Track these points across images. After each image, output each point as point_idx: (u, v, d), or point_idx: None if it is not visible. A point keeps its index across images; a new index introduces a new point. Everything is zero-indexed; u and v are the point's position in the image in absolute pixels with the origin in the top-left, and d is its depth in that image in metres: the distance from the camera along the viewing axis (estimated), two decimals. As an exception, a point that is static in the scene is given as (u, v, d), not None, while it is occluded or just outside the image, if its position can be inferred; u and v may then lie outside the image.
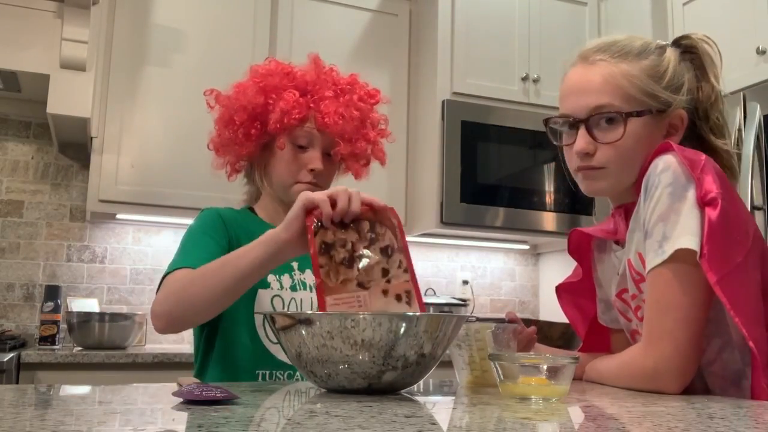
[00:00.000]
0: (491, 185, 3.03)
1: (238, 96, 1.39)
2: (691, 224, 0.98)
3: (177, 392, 0.78)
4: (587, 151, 1.10)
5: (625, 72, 1.09)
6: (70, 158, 2.97)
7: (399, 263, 1.06)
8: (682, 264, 0.98)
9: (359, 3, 3.15)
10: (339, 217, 1.06)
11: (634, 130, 1.08)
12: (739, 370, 1.03)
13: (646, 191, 1.04)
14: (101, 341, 2.52)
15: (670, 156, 1.02)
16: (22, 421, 0.62)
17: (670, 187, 1.00)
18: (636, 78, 1.08)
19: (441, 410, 0.82)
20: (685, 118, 1.11)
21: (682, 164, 1.01)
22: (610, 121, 1.09)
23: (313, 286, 1.39)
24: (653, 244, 1.01)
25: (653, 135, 1.10)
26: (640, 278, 1.08)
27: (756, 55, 2.39)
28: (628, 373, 1.04)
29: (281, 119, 1.35)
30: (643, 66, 1.09)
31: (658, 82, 1.09)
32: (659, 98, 1.09)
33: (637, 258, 1.08)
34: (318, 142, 1.39)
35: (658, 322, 0.99)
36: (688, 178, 1.00)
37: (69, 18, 2.49)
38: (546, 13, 3.27)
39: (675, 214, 0.99)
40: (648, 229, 1.02)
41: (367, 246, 1.06)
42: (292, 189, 1.39)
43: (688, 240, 0.97)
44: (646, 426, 0.68)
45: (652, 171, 1.03)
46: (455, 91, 3.05)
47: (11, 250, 2.86)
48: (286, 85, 1.39)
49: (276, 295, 1.36)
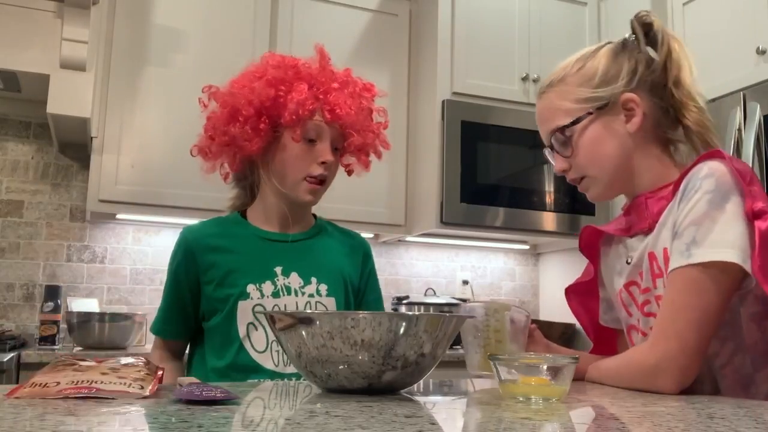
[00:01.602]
0: (491, 185, 3.03)
1: (242, 90, 1.37)
2: (728, 236, 0.98)
3: (177, 392, 0.78)
4: (563, 169, 1.20)
5: (560, 93, 1.18)
6: (70, 158, 2.97)
7: None
8: (709, 270, 0.98)
9: (359, 3, 3.14)
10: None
11: (586, 134, 1.16)
12: (748, 375, 1.04)
13: (684, 192, 1.04)
14: (101, 341, 2.52)
15: (718, 163, 1.03)
16: (22, 421, 0.62)
17: (710, 194, 1.00)
18: (569, 93, 1.17)
19: (441, 410, 0.82)
20: (635, 98, 1.14)
21: (731, 174, 1.01)
22: (564, 139, 1.17)
23: (298, 290, 1.38)
24: (680, 245, 1.01)
25: (610, 128, 1.15)
26: (660, 273, 1.08)
27: (756, 55, 2.39)
28: (629, 370, 1.04)
29: (296, 111, 1.33)
30: (575, 79, 1.17)
31: (588, 85, 1.16)
32: (595, 98, 1.15)
33: (662, 253, 1.08)
34: (327, 134, 1.38)
35: (671, 321, 0.99)
36: (732, 188, 1.00)
37: (69, 18, 2.49)
38: (546, 13, 3.27)
39: (710, 221, 0.99)
40: (679, 230, 1.02)
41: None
42: (302, 184, 1.38)
43: (731, 254, 0.96)
44: (646, 426, 0.68)
45: (695, 174, 1.03)
46: (455, 91, 3.05)
47: (11, 250, 2.86)
48: (293, 77, 1.38)
49: (257, 305, 1.35)
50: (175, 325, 1.44)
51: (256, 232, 1.43)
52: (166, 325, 1.45)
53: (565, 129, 1.16)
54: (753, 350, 1.03)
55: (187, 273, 1.40)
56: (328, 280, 1.41)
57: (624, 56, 1.17)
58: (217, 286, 1.37)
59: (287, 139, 1.38)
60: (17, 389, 0.79)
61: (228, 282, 1.37)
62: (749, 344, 1.03)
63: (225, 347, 1.35)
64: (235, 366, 1.33)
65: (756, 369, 1.02)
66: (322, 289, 1.40)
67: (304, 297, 1.38)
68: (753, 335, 1.03)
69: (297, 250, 1.43)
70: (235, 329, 1.34)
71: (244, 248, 1.40)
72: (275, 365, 1.33)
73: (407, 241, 3.40)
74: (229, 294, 1.36)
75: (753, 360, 1.03)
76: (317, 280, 1.40)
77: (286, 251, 1.42)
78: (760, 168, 2.24)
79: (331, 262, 1.45)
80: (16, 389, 0.79)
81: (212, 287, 1.37)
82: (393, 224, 3.11)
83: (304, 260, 1.41)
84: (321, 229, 1.50)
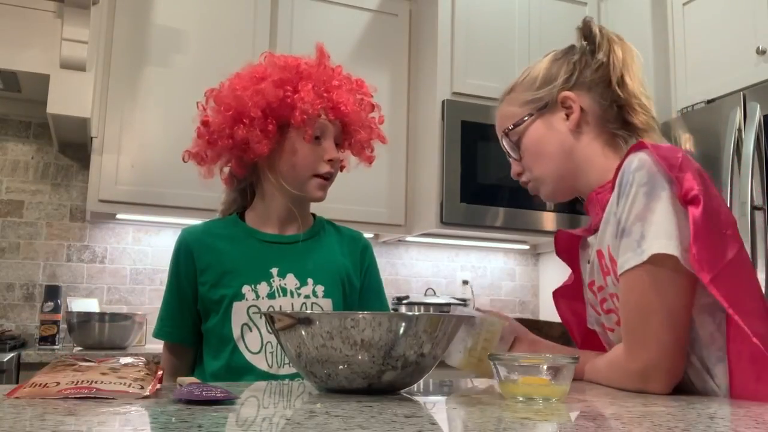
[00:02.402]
0: (491, 185, 3.03)
1: (246, 92, 1.35)
2: (666, 226, 0.97)
3: (177, 392, 0.78)
4: (517, 173, 1.27)
5: (509, 100, 1.25)
6: (70, 158, 2.97)
7: None
8: (660, 267, 0.97)
9: (359, 3, 3.14)
10: None
11: (529, 135, 1.21)
12: (707, 368, 1.01)
13: (620, 187, 1.04)
14: (101, 341, 2.52)
15: (644, 154, 1.03)
16: (22, 421, 0.62)
17: (645, 187, 1.00)
18: (514, 99, 1.23)
19: (441, 410, 0.82)
20: (572, 96, 1.18)
21: (657, 163, 1.00)
22: (511, 143, 1.23)
23: (294, 291, 1.39)
24: (631, 243, 1.00)
25: (552, 127, 1.19)
26: (608, 271, 1.08)
27: (756, 55, 2.39)
28: (617, 375, 1.03)
29: (306, 111, 1.34)
30: (521, 87, 1.23)
31: (531, 89, 1.21)
32: (535, 99, 1.20)
33: (607, 250, 1.08)
34: (331, 132, 1.40)
35: (642, 326, 0.99)
36: (663, 177, 1.00)
37: (69, 18, 2.49)
38: (546, 13, 3.27)
39: (651, 213, 0.99)
40: (626, 227, 1.01)
41: None
42: (311, 182, 1.39)
43: (664, 244, 0.96)
44: (646, 426, 0.68)
45: (626, 168, 1.04)
46: (455, 91, 3.05)
47: (11, 250, 2.86)
48: (297, 77, 1.38)
49: (252, 305, 1.36)
50: (180, 328, 1.42)
51: (254, 234, 1.43)
52: (173, 328, 1.42)
53: (510, 132, 1.23)
54: (710, 342, 1.01)
55: (187, 274, 1.40)
56: (326, 282, 1.41)
57: (564, 60, 1.22)
58: (212, 286, 1.37)
59: (293, 138, 1.38)
60: (17, 389, 0.79)
61: (223, 283, 1.37)
62: (704, 336, 1.01)
63: (220, 348, 1.36)
64: (229, 367, 1.34)
65: (714, 362, 1.00)
66: (319, 290, 1.40)
67: (299, 298, 1.38)
68: (707, 327, 1.01)
69: (294, 252, 1.43)
70: (230, 330, 1.35)
71: (241, 249, 1.41)
72: (269, 366, 1.33)
73: (407, 241, 3.40)
74: (224, 294, 1.36)
75: (711, 352, 1.01)
76: (314, 281, 1.40)
77: (284, 253, 1.42)
78: (761, 168, 2.24)
79: (330, 263, 1.45)
80: (16, 389, 0.79)
81: (207, 288, 1.37)
82: (393, 224, 3.11)
83: (301, 261, 1.41)
84: (320, 229, 1.50)
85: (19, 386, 0.80)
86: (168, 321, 1.43)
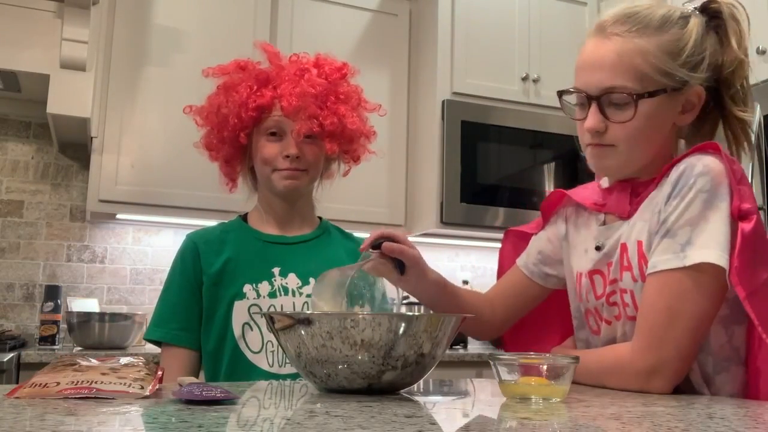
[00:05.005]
0: (491, 185, 3.03)
1: (207, 104, 1.44)
2: (719, 238, 0.95)
3: (177, 392, 0.78)
4: (598, 129, 1.06)
5: (641, 49, 1.03)
6: (70, 158, 2.97)
7: None
8: (703, 275, 0.96)
9: (359, 3, 3.14)
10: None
11: (647, 110, 1.03)
12: (708, 375, 1.03)
13: (676, 187, 1.00)
14: (101, 341, 2.51)
15: (713, 159, 0.99)
16: (22, 421, 0.62)
17: (706, 194, 0.97)
18: (651, 56, 1.02)
19: (441, 410, 0.82)
20: (702, 95, 1.07)
21: (726, 174, 0.98)
22: (623, 103, 1.04)
23: (296, 290, 1.39)
24: (674, 245, 0.98)
25: (667, 113, 1.06)
26: (628, 266, 1.05)
27: (756, 55, 2.39)
28: (616, 374, 1.01)
29: (239, 113, 1.38)
30: (661, 42, 1.03)
31: (676, 59, 1.03)
32: (675, 77, 1.03)
33: (636, 246, 1.05)
34: (288, 127, 1.39)
35: (665, 328, 0.97)
36: (726, 188, 0.97)
37: (69, 18, 2.49)
38: (546, 13, 3.27)
39: (705, 221, 0.96)
40: (671, 229, 0.98)
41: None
42: (272, 177, 1.41)
43: (717, 255, 0.94)
44: (646, 426, 0.68)
45: (688, 169, 0.99)
46: (455, 91, 3.05)
47: (11, 250, 2.86)
48: (242, 79, 1.42)
49: (253, 305, 1.36)
50: (188, 331, 1.37)
51: (256, 235, 1.44)
52: (181, 331, 1.37)
53: (636, 97, 1.03)
54: (718, 353, 1.02)
55: (195, 272, 1.39)
56: None
57: (707, 40, 1.07)
58: (214, 286, 1.37)
59: (257, 138, 1.42)
60: (17, 389, 0.79)
61: (225, 282, 1.37)
62: (714, 346, 1.02)
63: (221, 347, 1.36)
64: (230, 366, 1.34)
65: (717, 371, 1.01)
66: None
67: (301, 297, 1.38)
68: (719, 338, 1.02)
69: (296, 252, 1.43)
70: (231, 329, 1.35)
71: (243, 250, 1.41)
72: (269, 365, 1.34)
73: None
74: (225, 293, 1.36)
75: (715, 362, 1.02)
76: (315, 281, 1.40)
77: (285, 253, 1.42)
78: (761, 168, 2.24)
79: (331, 264, 1.45)
80: (16, 389, 0.79)
81: (209, 287, 1.38)
82: (393, 224, 3.10)
83: (303, 261, 1.42)
84: (324, 231, 1.51)
85: (19, 386, 0.80)
86: (174, 324, 1.37)
